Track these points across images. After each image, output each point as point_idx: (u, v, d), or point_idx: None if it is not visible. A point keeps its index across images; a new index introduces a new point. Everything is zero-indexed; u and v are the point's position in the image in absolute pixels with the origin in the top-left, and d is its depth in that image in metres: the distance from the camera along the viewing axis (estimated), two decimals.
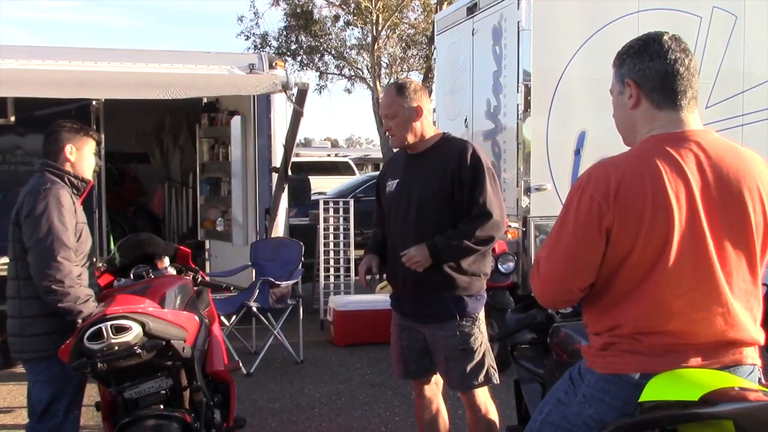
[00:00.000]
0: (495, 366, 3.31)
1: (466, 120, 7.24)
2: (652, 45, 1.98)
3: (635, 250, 1.89)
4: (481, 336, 3.26)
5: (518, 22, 6.22)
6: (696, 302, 1.91)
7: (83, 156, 3.25)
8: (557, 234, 1.99)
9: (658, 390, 1.85)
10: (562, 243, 1.97)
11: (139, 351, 2.80)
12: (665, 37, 1.98)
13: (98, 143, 3.36)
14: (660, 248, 1.88)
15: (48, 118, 6.74)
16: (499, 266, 5.63)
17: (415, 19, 21.77)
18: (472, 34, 7.11)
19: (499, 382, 3.34)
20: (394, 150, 3.43)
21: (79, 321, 2.95)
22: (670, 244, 1.88)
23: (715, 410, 1.76)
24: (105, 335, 2.74)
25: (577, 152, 6.32)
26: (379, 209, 3.52)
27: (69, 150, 3.21)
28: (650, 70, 1.97)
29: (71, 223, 3.08)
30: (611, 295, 1.97)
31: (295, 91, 5.77)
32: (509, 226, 5.88)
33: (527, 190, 6.21)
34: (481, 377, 3.24)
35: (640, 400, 1.87)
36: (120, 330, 2.77)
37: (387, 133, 3.33)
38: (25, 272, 3.08)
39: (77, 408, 3.23)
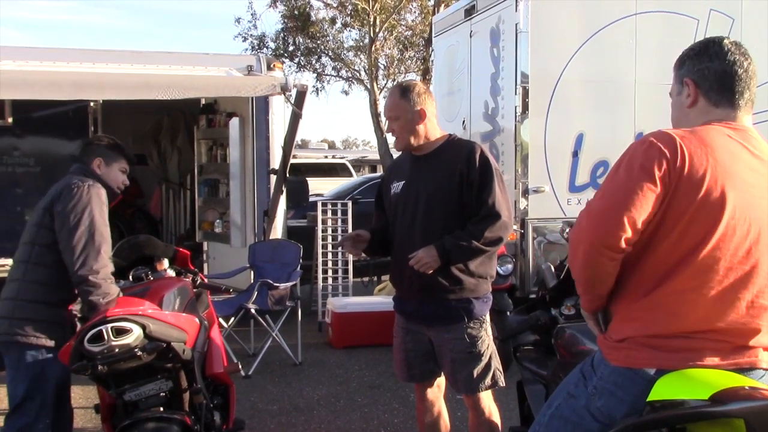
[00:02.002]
0: (501, 369, 3.30)
1: (464, 122, 7.24)
2: (712, 47, 2.05)
3: (681, 222, 1.90)
4: (488, 339, 3.25)
5: (516, 24, 6.22)
6: (725, 300, 1.93)
7: (111, 171, 3.35)
8: (612, 176, 1.98)
9: (667, 389, 1.85)
10: (617, 182, 1.95)
11: (139, 353, 2.79)
12: (726, 41, 2.06)
13: (130, 162, 3.45)
14: (705, 231, 1.90)
15: (46, 119, 6.77)
16: (498, 268, 5.63)
17: (413, 20, 21.75)
18: (470, 36, 7.11)
19: (505, 384, 3.33)
20: (398, 152, 3.40)
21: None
22: (714, 232, 1.90)
23: (726, 409, 1.76)
24: (105, 337, 2.74)
25: (575, 154, 6.32)
26: (378, 212, 3.49)
27: (98, 163, 3.31)
28: (709, 71, 2.03)
29: (107, 222, 3.14)
30: (641, 283, 1.98)
31: (293, 92, 5.76)
32: None
33: (525, 192, 6.21)
34: (488, 380, 3.23)
35: (649, 399, 1.87)
36: (120, 332, 2.76)
37: (391, 134, 3.31)
38: (38, 258, 3.10)
39: (49, 417, 3.12)
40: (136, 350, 2.78)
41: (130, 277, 3.69)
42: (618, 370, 1.98)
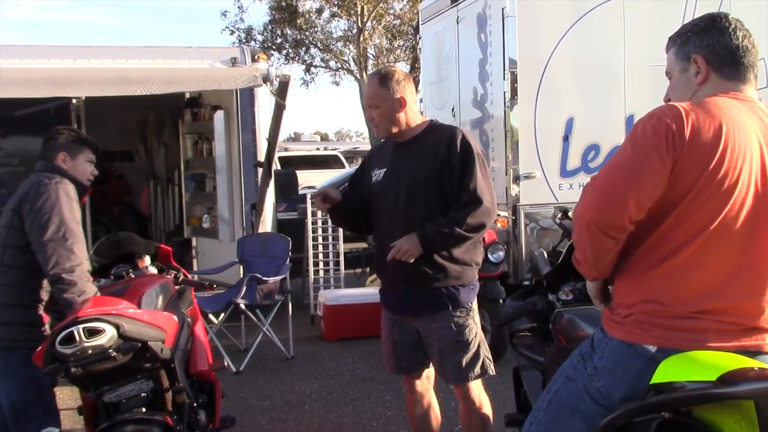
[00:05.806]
0: (490, 357, 3.24)
1: (453, 109, 7.16)
2: (720, 22, 2.00)
3: (690, 194, 1.84)
4: (475, 327, 3.18)
5: (503, 9, 6.15)
6: (734, 273, 1.87)
7: (77, 164, 3.23)
8: (620, 152, 1.93)
9: (671, 371, 1.78)
10: (623, 158, 1.90)
11: (114, 354, 2.69)
12: (731, 16, 2.03)
13: (95, 151, 3.32)
14: (719, 202, 1.85)
15: (28, 118, 6.63)
16: (489, 256, 5.56)
17: (401, 9, 21.63)
18: (457, 23, 7.02)
19: (495, 373, 3.27)
20: (381, 140, 3.36)
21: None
22: (727, 203, 1.85)
23: (735, 390, 1.69)
24: (77, 339, 2.63)
25: (566, 139, 6.26)
26: (350, 190, 3.45)
27: (62, 158, 3.20)
28: (720, 45, 1.98)
29: (79, 219, 3.05)
30: (649, 255, 1.93)
31: (276, 83, 5.65)
32: (498, 215, 5.81)
33: (516, 179, 6.15)
34: (477, 369, 3.17)
35: (652, 382, 1.80)
36: (93, 333, 2.66)
37: (371, 123, 3.26)
38: (11, 260, 3.03)
39: (54, 412, 3.12)
40: (110, 351, 2.67)
41: (111, 275, 3.60)
42: (619, 348, 1.93)
